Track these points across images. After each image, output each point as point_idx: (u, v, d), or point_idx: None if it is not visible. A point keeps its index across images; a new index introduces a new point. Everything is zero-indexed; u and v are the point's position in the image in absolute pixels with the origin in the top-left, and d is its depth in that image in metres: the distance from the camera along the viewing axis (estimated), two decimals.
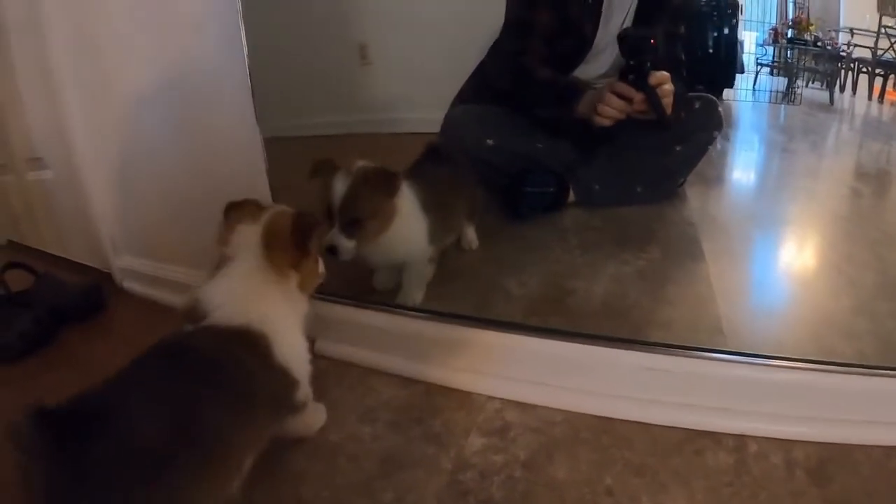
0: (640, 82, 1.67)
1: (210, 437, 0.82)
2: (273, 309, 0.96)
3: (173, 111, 1.56)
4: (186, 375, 0.84)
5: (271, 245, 0.96)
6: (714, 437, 1.07)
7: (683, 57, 1.93)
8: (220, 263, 0.98)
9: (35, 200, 2.15)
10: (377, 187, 1.25)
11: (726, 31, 2.68)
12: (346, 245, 1.25)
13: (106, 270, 1.90)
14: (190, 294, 0.96)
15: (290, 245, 0.97)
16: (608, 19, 1.83)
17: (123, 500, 0.71)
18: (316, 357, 1.35)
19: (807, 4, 2.73)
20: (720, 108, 1.90)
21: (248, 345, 0.91)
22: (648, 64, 1.67)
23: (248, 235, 0.97)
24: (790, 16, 2.77)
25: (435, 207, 1.38)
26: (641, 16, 1.85)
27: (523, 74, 1.83)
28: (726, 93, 2.74)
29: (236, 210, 1.00)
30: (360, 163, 1.27)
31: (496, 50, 1.93)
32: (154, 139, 1.62)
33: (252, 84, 1.36)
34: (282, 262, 0.97)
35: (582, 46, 1.85)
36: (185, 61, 1.48)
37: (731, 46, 2.70)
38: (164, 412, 0.78)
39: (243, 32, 1.33)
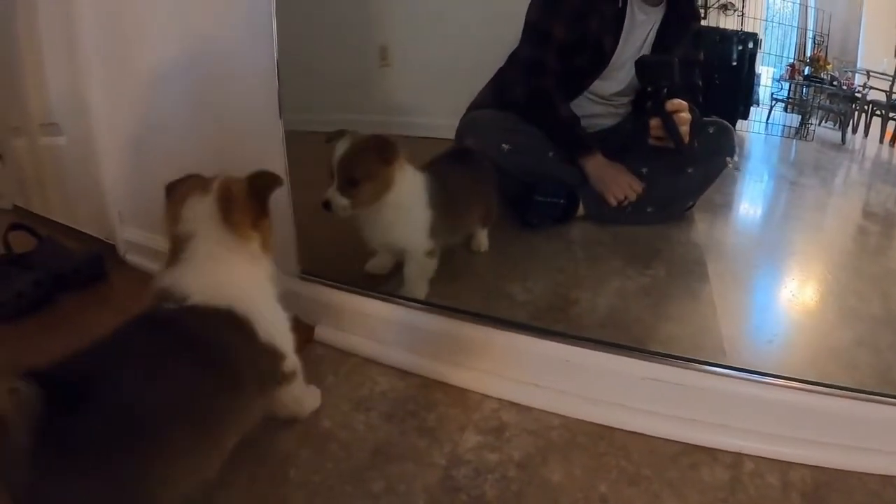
0: (658, 108, 1.69)
1: (198, 410, 0.81)
2: (248, 284, 0.94)
3: (193, 91, 1.56)
4: (173, 349, 0.82)
5: (227, 210, 0.92)
6: (711, 453, 1.06)
7: (701, 83, 1.94)
8: (177, 246, 0.92)
9: (45, 166, 2.15)
10: (373, 152, 1.31)
11: (745, 63, 2.70)
12: (340, 202, 1.30)
13: (110, 242, 1.90)
14: (156, 282, 0.91)
15: (247, 206, 0.94)
16: (628, 37, 1.84)
17: (109, 471, 0.70)
18: (314, 343, 1.36)
19: (826, 43, 2.75)
20: (734, 135, 1.91)
21: (233, 327, 0.89)
22: (665, 90, 1.69)
23: (202, 207, 0.92)
24: (808, 53, 2.78)
25: (442, 204, 1.40)
26: (663, 37, 1.86)
27: (543, 102, 1.85)
28: (740, 124, 2.75)
29: (180, 186, 0.96)
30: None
31: (514, 59, 1.93)
32: (171, 116, 1.62)
33: (279, 73, 1.36)
34: (241, 226, 0.94)
35: (600, 62, 1.86)
36: (212, 43, 1.48)
37: (749, 79, 2.72)
38: (151, 383, 0.77)
39: (274, 21, 1.32)
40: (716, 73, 2.53)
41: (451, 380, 1.24)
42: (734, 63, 2.67)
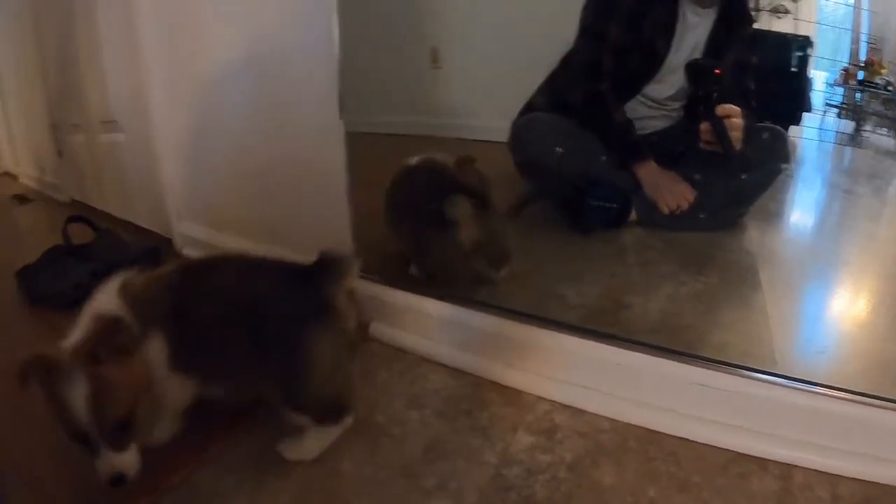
0: (707, 112, 1.68)
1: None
2: None
3: (253, 90, 1.60)
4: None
5: None
6: (760, 463, 1.06)
7: (753, 87, 1.92)
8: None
9: (104, 162, 2.21)
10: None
11: (797, 67, 2.65)
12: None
13: (167, 236, 1.95)
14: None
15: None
16: (681, 40, 1.83)
17: None
18: (368, 339, 1.39)
19: (881, 46, 2.68)
20: (788, 141, 1.89)
21: None
22: (715, 94, 1.68)
23: None
24: (862, 57, 2.72)
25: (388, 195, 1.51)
26: (715, 41, 1.85)
27: (598, 106, 1.84)
28: (792, 130, 2.69)
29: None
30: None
31: (569, 62, 1.93)
32: (231, 115, 1.66)
33: (340, 73, 1.39)
34: None
35: (653, 65, 1.85)
36: (273, 43, 1.52)
37: (801, 84, 2.67)
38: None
39: (336, 19, 1.35)
40: (768, 78, 2.49)
41: (504, 380, 1.26)
42: (788, 67, 2.62)
